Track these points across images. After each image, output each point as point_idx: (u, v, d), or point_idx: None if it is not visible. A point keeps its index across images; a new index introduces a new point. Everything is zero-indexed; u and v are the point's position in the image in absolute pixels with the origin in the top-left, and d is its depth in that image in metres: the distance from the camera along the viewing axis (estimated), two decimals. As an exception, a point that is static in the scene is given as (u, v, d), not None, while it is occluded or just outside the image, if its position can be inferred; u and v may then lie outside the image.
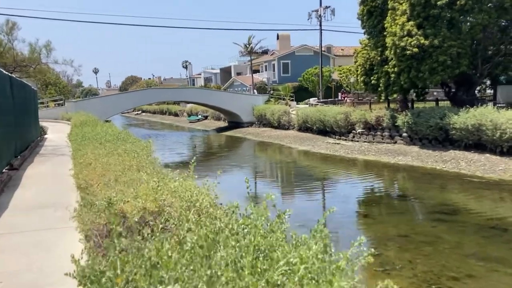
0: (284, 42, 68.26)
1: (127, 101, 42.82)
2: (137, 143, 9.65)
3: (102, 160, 7.45)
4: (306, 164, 24.47)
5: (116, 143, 9.60)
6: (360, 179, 18.97)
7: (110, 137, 10.37)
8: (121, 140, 10.09)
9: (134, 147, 8.96)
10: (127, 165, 7.21)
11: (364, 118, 28.49)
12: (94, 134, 11.01)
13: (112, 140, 9.97)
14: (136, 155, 7.93)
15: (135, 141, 9.97)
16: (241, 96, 48.09)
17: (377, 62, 27.76)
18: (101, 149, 8.71)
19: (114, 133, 11.60)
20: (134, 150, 8.65)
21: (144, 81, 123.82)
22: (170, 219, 4.11)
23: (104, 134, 11.18)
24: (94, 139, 10.09)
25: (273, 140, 35.00)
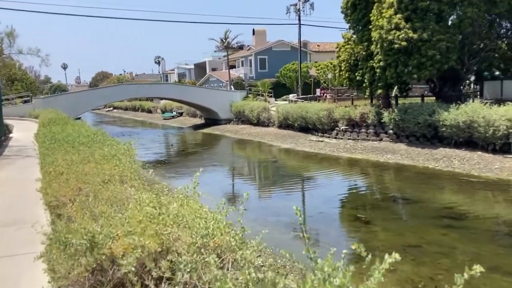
0: (260, 37, 67.00)
1: (99, 97, 40.83)
2: (117, 146, 8.31)
3: (76, 169, 6.12)
4: (292, 164, 23.38)
5: (92, 146, 8.23)
6: (353, 180, 18.02)
7: (84, 139, 8.97)
8: (98, 142, 8.72)
9: (114, 151, 7.62)
10: (108, 175, 5.91)
11: (348, 115, 27.64)
12: (65, 135, 9.57)
13: (87, 142, 8.59)
14: (118, 162, 6.62)
15: (114, 143, 8.61)
16: (218, 92, 46.71)
17: (362, 57, 26.93)
18: (74, 154, 7.35)
19: (88, 133, 10.18)
20: (114, 155, 7.32)
21: (115, 77, 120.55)
22: (179, 263, 2.89)
23: (76, 135, 9.76)
24: (65, 141, 8.67)
25: (253, 138, 33.83)
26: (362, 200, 13.81)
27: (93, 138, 9.14)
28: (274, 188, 17.27)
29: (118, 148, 7.94)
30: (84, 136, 9.44)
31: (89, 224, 3.37)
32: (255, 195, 15.47)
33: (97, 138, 9.20)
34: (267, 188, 17.74)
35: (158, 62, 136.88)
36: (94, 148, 7.93)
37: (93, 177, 5.77)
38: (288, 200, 14.65)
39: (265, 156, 26.98)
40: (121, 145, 8.33)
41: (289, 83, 53.40)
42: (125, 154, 7.58)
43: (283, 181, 18.79)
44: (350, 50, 28.35)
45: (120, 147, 7.96)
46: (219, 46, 54.54)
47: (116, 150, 7.74)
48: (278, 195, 15.49)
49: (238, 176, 21.62)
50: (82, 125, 13.20)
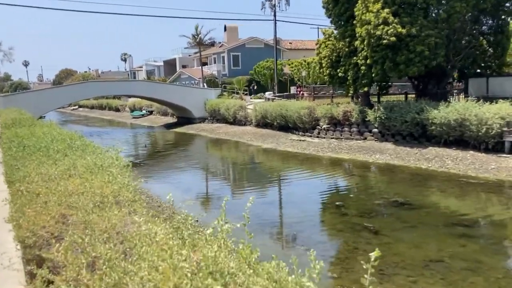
0: (232, 34, 65.65)
1: (65, 95, 38.51)
2: (102, 154, 6.94)
3: (56, 188, 4.74)
4: (277, 165, 22.16)
5: (71, 154, 6.82)
6: (346, 182, 17.03)
7: (60, 145, 7.52)
8: (77, 149, 7.30)
9: (99, 160, 6.25)
10: (99, 195, 4.58)
11: (330, 113, 26.74)
12: (36, 140, 8.06)
13: (64, 149, 7.15)
14: (110, 175, 5.29)
15: (97, 150, 7.22)
16: (192, 90, 45.09)
17: (344, 54, 26.04)
18: (51, 165, 5.94)
19: (63, 137, 8.70)
20: (100, 165, 5.96)
21: (80, 74, 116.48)
22: None
23: (49, 139, 8.27)
24: (37, 148, 7.20)
25: (230, 137, 32.54)
26: (363, 206, 12.80)
27: (70, 144, 7.69)
28: (264, 194, 15.90)
29: (104, 157, 6.56)
30: (58, 141, 7.97)
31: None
32: (243, 202, 14.18)
33: (75, 144, 7.76)
34: (258, 194, 16.29)
35: (125, 59, 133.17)
36: (75, 156, 6.53)
37: (81, 199, 4.43)
38: (282, 207, 13.51)
39: (247, 157, 25.68)
40: (107, 153, 6.95)
41: (263, 81, 52.35)
42: (113, 164, 6.22)
43: (272, 186, 17.58)
44: (331, 46, 27.42)
45: (106, 155, 6.59)
46: (191, 42, 52.85)
47: (102, 159, 6.37)
48: (269, 202, 14.24)
49: (221, 180, 20.20)
50: (53, 127, 11.63)
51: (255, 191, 16.56)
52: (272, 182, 18.66)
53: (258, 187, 17.40)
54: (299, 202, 14.23)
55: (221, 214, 3.34)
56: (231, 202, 13.47)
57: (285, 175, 19.59)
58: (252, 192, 16.31)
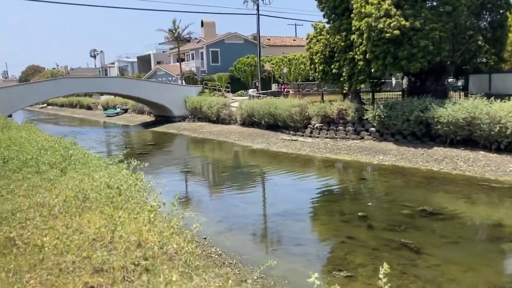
0: (210, 29, 63.62)
1: (35, 93, 35.84)
2: (112, 169, 5.27)
3: (69, 234, 3.08)
4: (274, 169, 20.38)
5: (72, 169, 5.12)
6: (359, 188, 15.35)
7: (52, 156, 5.77)
8: (76, 162, 5.58)
9: (113, 180, 4.57)
10: (138, 246, 2.96)
11: (323, 111, 25.38)
12: (19, 149, 6.25)
13: (59, 162, 5.42)
14: (142, 207, 3.65)
15: (103, 163, 5.53)
16: (171, 87, 43.06)
17: (340, 48, 24.72)
18: (47, 189, 4.24)
19: (51, 144, 6.92)
20: (118, 187, 4.30)
21: (49, 71, 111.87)
22: None
23: (34, 147, 6.47)
24: (22, 162, 5.43)
25: (216, 137, 30.81)
26: (389, 217, 11.39)
27: (64, 154, 5.94)
28: (273, 205, 13.81)
29: (118, 176, 4.88)
30: (47, 150, 6.20)
31: None
32: (255, 218, 12.38)
33: (70, 154, 6.01)
34: (266, 206, 14.36)
35: (94, 56, 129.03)
36: (77, 174, 4.82)
37: (112, 256, 2.79)
38: (301, 222, 11.88)
39: (239, 160, 23.83)
40: (120, 169, 5.28)
41: (243, 78, 50.73)
42: (136, 187, 4.57)
43: (277, 194, 15.50)
44: (324, 41, 26.06)
45: (122, 173, 4.91)
46: (168, 37, 50.59)
47: (117, 178, 4.69)
48: (280, 214, 12.61)
49: (219, 188, 17.82)
50: (33, 130, 9.75)
51: (261, 201, 14.91)
52: (277, 190, 16.56)
53: (263, 197, 15.61)
54: (317, 214, 12.56)
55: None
56: (245, 221, 11.58)
57: (288, 182, 17.60)
58: (258, 203, 14.66)
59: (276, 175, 18.83)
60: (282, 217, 11.89)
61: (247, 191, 16.27)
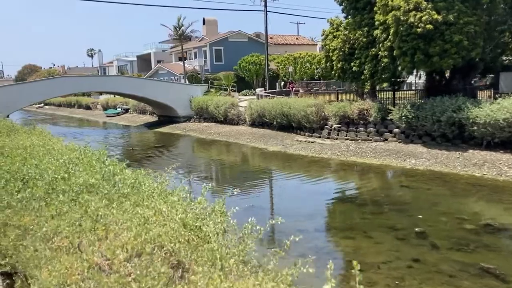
0: (211, 27, 62.19)
1: (34, 92, 34.18)
2: (172, 194, 3.79)
3: None
4: (298, 173, 18.66)
5: (118, 195, 3.63)
6: (404, 198, 13.56)
7: (88, 174, 4.29)
8: (124, 184, 4.10)
9: (188, 213, 3.10)
10: None
11: (342, 111, 23.96)
12: (39, 162, 4.76)
13: (101, 186, 3.94)
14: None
15: (159, 187, 4.05)
16: (176, 86, 41.52)
17: (361, 45, 23.30)
18: (94, 232, 2.77)
19: (74, 155, 5.44)
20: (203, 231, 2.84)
21: (45, 70, 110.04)
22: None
23: (57, 158, 4.98)
24: (47, 183, 3.95)
25: (226, 138, 29.31)
26: (451, 234, 9.89)
27: (101, 171, 4.46)
28: (314, 220, 11.78)
29: (192, 205, 3.42)
30: (77, 165, 4.71)
31: None
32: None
33: (109, 170, 4.53)
34: (307, 222, 12.15)
35: (91, 55, 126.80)
36: (130, 204, 3.36)
37: None
38: (352, 240, 10.42)
39: (258, 164, 21.94)
40: (177, 191, 3.82)
41: (248, 77, 49.29)
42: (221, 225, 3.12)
43: (313, 205, 13.81)
44: (343, 37, 24.62)
45: (198, 202, 3.45)
46: (172, 35, 49.02)
47: (193, 212, 3.23)
48: (321, 229, 11.13)
49: (250, 199, 14.57)
50: (44, 135, 8.27)
51: (298, 214, 13.32)
52: (311, 200, 14.54)
53: (298, 208, 13.83)
54: (367, 230, 10.61)
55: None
56: (285, 237, 9.61)
57: (319, 189, 15.68)
58: (295, 216, 13.06)
59: (304, 182, 17.20)
60: (327, 233, 10.45)
61: (279, 202, 14.62)
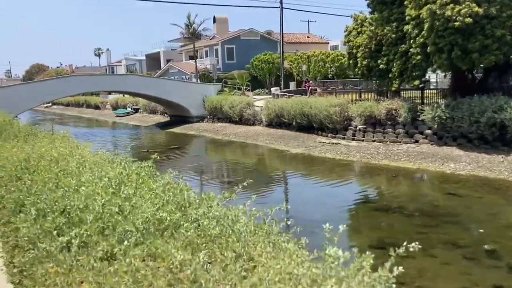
0: (222, 25, 60.97)
1: (44, 91, 33.16)
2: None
3: None
4: (331, 179, 17.30)
5: (208, 239, 2.41)
6: (458, 209, 11.93)
7: (148, 199, 3.10)
8: (201, 218, 2.90)
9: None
10: None
11: (369, 111, 22.73)
12: (77, 182, 3.61)
13: (175, 219, 2.75)
14: None
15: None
16: (189, 85, 40.43)
17: (389, 41, 22.04)
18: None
19: (117, 169, 4.26)
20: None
21: (53, 70, 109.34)
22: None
23: (97, 174, 3.82)
24: (96, 217, 2.78)
25: (243, 140, 28.14)
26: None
27: (169, 199, 3.28)
28: (366, 236, 10.58)
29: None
30: (124, 184, 3.55)
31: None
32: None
33: (187, 200, 3.35)
34: (358, 238, 10.53)
35: (98, 55, 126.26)
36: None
37: None
38: (415, 260, 9.22)
39: (286, 168, 20.43)
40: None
41: (261, 76, 48.13)
42: None
43: (355, 216, 12.35)
44: (370, 33, 23.38)
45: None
46: (184, 33, 47.88)
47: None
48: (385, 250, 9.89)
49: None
50: (66, 139, 7.13)
51: (346, 230, 12.13)
52: (351, 210, 13.41)
53: (340, 219, 12.36)
54: (427, 247, 8.86)
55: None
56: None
57: (356, 197, 14.54)
58: (344, 233, 11.91)
59: (338, 188, 15.85)
60: (380, 251, 9.22)
61: (317, 212, 13.23)
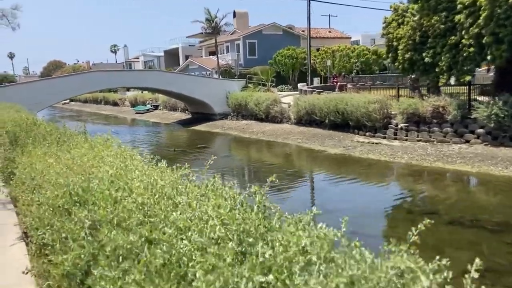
0: (242, 20, 59.49)
1: (65, 88, 32.04)
2: None
3: None
4: (381, 183, 15.90)
5: None
6: None
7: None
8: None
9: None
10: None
11: (413, 108, 21.05)
12: (163, 223, 2.12)
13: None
14: None
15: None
16: (212, 81, 39.03)
17: (437, 32, 20.28)
18: None
19: (199, 191, 2.74)
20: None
21: (70, 66, 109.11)
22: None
23: (191, 215, 2.32)
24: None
25: (273, 138, 26.62)
26: None
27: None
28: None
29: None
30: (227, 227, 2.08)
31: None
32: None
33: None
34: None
35: (115, 51, 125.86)
36: None
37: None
38: None
39: (327, 170, 18.45)
40: None
41: (284, 71, 46.55)
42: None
43: (453, 239, 9.99)
44: (413, 24, 21.64)
45: None
46: (205, 28, 46.51)
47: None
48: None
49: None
50: (109, 144, 5.71)
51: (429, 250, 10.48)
52: (430, 227, 12.29)
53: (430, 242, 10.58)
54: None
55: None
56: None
57: (426, 209, 12.31)
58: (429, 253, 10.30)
59: (397, 197, 14.06)
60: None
61: (384, 226, 11.68)
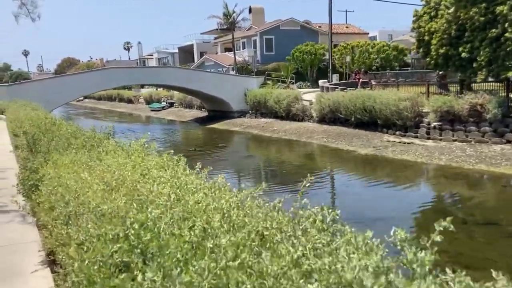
0: (258, 16, 58.35)
1: (82, 85, 31.30)
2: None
3: None
4: (426, 189, 14.71)
5: None
6: None
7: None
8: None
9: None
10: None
11: (448, 106, 19.85)
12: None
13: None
14: None
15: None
16: (230, 78, 38.07)
17: (476, 25, 19.04)
18: None
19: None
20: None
21: (84, 63, 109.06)
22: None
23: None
24: None
25: (296, 137, 25.59)
26: None
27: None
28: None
29: None
30: None
31: None
32: None
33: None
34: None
35: (128, 48, 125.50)
36: None
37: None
38: None
39: (363, 173, 17.33)
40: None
41: (302, 68, 45.40)
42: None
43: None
44: (447, 17, 20.41)
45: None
46: (222, 23, 45.52)
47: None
48: None
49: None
50: (146, 151, 4.74)
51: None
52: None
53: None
54: None
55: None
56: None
57: (495, 220, 10.90)
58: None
59: (449, 206, 13.08)
60: None
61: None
